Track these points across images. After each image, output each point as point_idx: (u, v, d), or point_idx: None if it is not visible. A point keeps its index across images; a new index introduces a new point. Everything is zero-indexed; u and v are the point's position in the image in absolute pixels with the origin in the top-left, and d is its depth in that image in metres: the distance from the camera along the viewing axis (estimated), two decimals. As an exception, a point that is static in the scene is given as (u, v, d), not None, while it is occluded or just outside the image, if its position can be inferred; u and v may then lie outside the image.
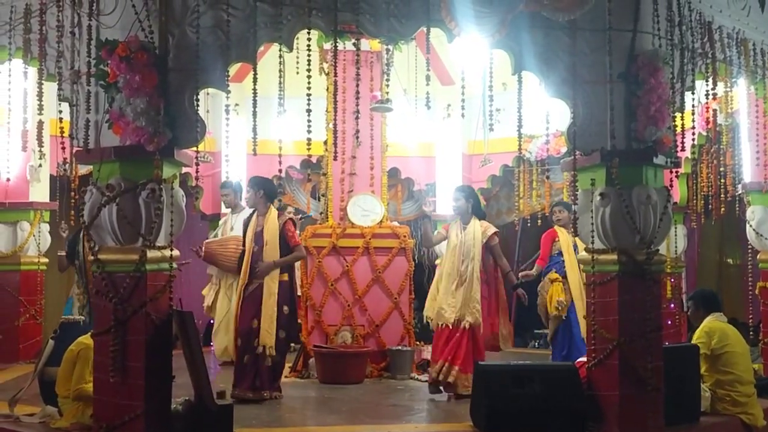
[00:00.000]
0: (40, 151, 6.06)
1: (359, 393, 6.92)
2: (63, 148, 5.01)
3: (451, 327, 6.72)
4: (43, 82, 5.28)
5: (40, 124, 5.85)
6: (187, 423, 4.94)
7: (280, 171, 5.62)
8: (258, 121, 4.93)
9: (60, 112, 5.06)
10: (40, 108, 5.37)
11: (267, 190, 6.89)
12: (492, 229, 7.01)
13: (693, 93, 5.53)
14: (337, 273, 8.06)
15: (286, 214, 7.10)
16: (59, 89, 5.11)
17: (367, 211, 8.27)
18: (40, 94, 5.32)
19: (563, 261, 7.64)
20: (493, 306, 6.98)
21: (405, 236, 8.22)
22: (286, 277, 6.74)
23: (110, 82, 4.69)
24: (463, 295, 6.74)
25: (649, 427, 5.06)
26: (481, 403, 5.30)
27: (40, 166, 8.23)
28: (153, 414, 4.74)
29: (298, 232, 6.98)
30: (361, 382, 7.39)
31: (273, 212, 6.85)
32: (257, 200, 6.87)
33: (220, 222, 9.04)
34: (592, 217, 5.18)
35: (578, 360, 5.80)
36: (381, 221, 8.28)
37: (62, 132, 5.02)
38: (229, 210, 8.96)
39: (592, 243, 5.17)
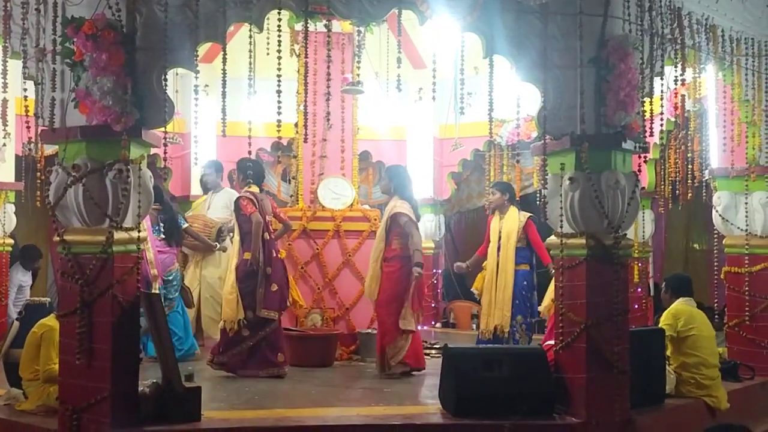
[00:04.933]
0: (5, 130, 5.96)
1: (329, 376, 6.93)
2: (28, 128, 4.95)
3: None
4: (7, 59, 5.19)
5: (5, 102, 5.74)
6: (155, 405, 4.92)
7: (249, 153, 5.59)
8: (228, 102, 4.90)
9: (25, 90, 4.98)
10: (5, 86, 5.28)
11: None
12: (397, 209, 7.01)
13: (662, 78, 5.56)
14: (308, 256, 8.04)
15: (243, 192, 7.07)
16: (24, 67, 5.01)
17: (337, 194, 8.25)
18: (4, 72, 5.23)
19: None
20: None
21: (376, 219, 8.20)
22: (245, 255, 6.82)
23: (76, 61, 4.63)
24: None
25: (615, 409, 5.11)
26: (450, 386, 5.32)
27: (5, 145, 8.06)
28: (120, 396, 4.72)
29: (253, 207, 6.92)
30: (330, 364, 7.40)
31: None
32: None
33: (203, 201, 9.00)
34: (561, 201, 5.21)
35: (546, 343, 5.85)
36: (352, 204, 8.26)
37: (27, 111, 4.94)
38: (211, 190, 8.92)
39: (561, 227, 5.20)
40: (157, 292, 6.93)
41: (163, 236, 7.69)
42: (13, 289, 8.82)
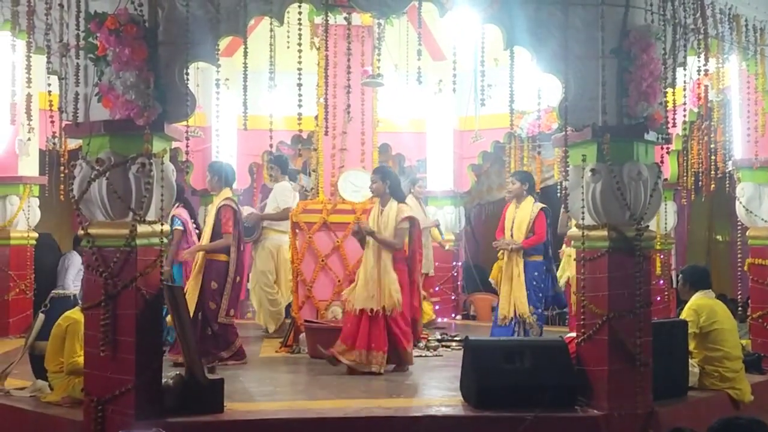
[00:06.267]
0: (29, 124, 6.03)
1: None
2: (52, 122, 4.99)
3: (371, 313, 6.63)
4: (31, 55, 5.24)
5: (29, 97, 5.81)
6: (178, 397, 4.96)
7: (270, 146, 5.62)
8: (248, 95, 4.92)
9: (49, 85, 5.03)
10: (29, 81, 5.33)
11: (219, 175, 7.30)
12: (404, 213, 6.83)
13: (685, 69, 5.51)
14: (328, 248, 8.05)
15: (225, 200, 7.18)
16: (48, 62, 5.07)
17: (358, 186, 8.24)
18: (28, 68, 5.28)
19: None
20: (411, 289, 6.89)
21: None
22: (223, 257, 7.00)
23: (99, 55, 4.67)
24: (381, 280, 6.67)
25: (637, 401, 5.10)
26: (472, 378, 5.32)
27: (29, 140, 8.19)
28: (144, 388, 4.77)
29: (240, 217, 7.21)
30: (351, 356, 7.42)
31: (220, 196, 7.18)
32: (213, 184, 7.33)
33: None
34: (582, 193, 5.18)
35: (568, 335, 5.84)
36: (372, 197, 8.25)
37: (51, 106, 4.99)
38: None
39: (583, 219, 5.18)
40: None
41: None
42: (73, 270, 9.09)
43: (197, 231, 7.93)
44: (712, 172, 7.65)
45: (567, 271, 8.15)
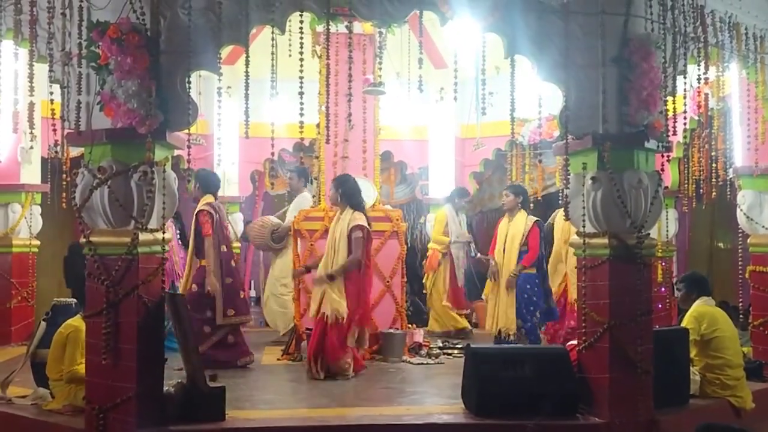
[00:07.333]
0: (32, 133, 6.05)
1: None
2: (54, 130, 5.01)
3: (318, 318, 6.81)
4: (34, 63, 5.26)
5: (31, 105, 5.83)
6: (180, 405, 4.96)
7: (272, 154, 5.65)
8: (250, 103, 4.95)
9: (51, 93, 5.05)
10: (31, 90, 5.35)
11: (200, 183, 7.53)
12: (357, 221, 6.87)
13: (685, 77, 5.53)
14: (330, 256, 8.04)
15: (202, 206, 7.34)
16: (50, 71, 5.08)
17: (359, 194, 8.25)
18: (31, 76, 5.30)
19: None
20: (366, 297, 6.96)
21: (398, 220, 8.20)
22: (203, 262, 7.21)
23: (101, 64, 4.69)
24: (325, 289, 6.80)
25: (638, 409, 5.10)
26: (473, 385, 5.33)
27: (32, 148, 8.21)
28: (145, 396, 4.77)
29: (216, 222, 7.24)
30: (353, 364, 7.41)
31: (200, 203, 7.39)
32: (195, 192, 7.59)
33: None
34: (583, 200, 5.19)
35: (569, 343, 5.84)
36: (374, 205, 8.26)
37: (53, 114, 5.01)
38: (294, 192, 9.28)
39: (584, 227, 5.19)
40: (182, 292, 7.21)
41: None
42: None
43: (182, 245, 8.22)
44: (713, 180, 7.66)
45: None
